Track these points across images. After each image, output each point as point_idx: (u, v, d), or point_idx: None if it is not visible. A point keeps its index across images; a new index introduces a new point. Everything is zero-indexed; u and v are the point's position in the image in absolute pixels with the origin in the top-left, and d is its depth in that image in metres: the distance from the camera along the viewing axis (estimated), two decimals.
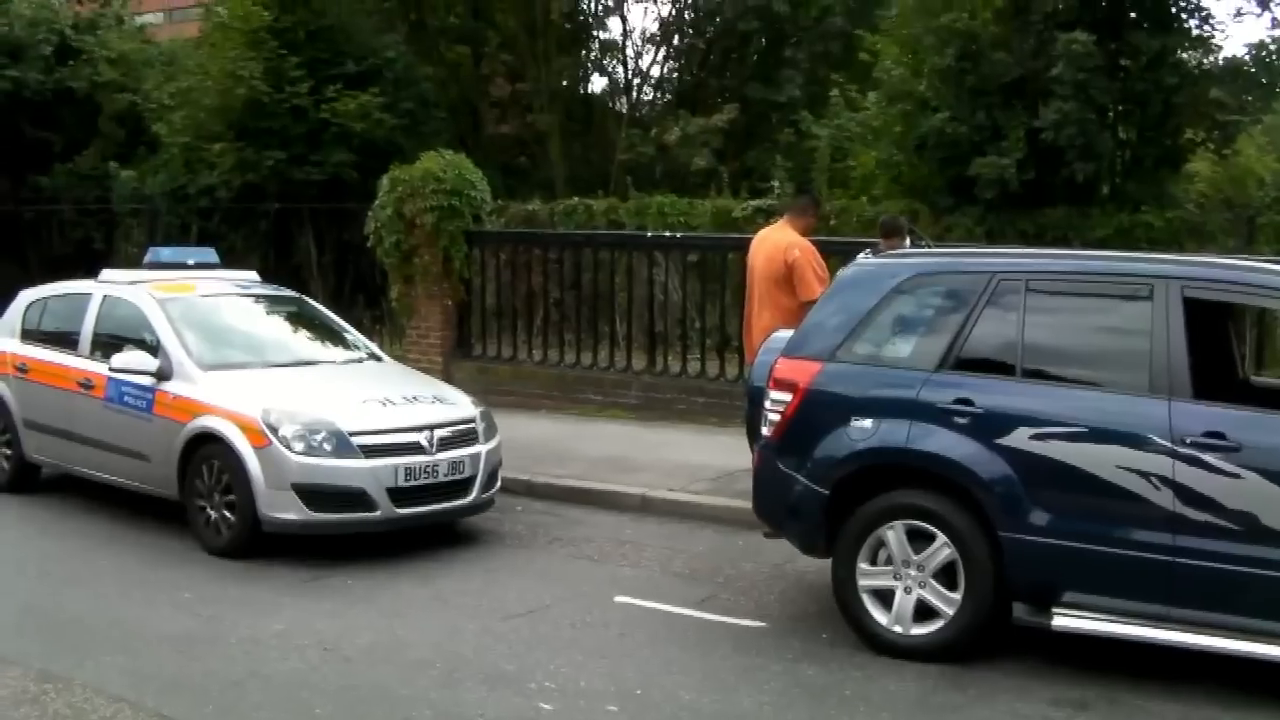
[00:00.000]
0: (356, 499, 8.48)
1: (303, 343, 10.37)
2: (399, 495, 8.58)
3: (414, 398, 9.32)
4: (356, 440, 8.55)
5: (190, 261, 11.07)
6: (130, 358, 9.29)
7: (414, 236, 14.84)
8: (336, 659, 6.53)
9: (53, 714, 5.74)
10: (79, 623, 7.14)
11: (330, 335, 10.62)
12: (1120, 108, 14.91)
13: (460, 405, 9.51)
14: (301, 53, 20.26)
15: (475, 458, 9.06)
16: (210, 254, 11.50)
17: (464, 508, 9.11)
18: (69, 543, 9.06)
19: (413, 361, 14.96)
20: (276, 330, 10.47)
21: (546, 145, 25.74)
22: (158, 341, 9.39)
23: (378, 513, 8.52)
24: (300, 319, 10.74)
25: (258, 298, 10.84)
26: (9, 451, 10.65)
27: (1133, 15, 14.58)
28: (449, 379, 14.73)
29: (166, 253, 11.36)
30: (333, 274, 19.51)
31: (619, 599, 7.67)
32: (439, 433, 8.91)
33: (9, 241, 23.20)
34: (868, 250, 8.04)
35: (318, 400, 8.93)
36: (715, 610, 7.47)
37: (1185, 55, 15.04)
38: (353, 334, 10.89)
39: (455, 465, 8.89)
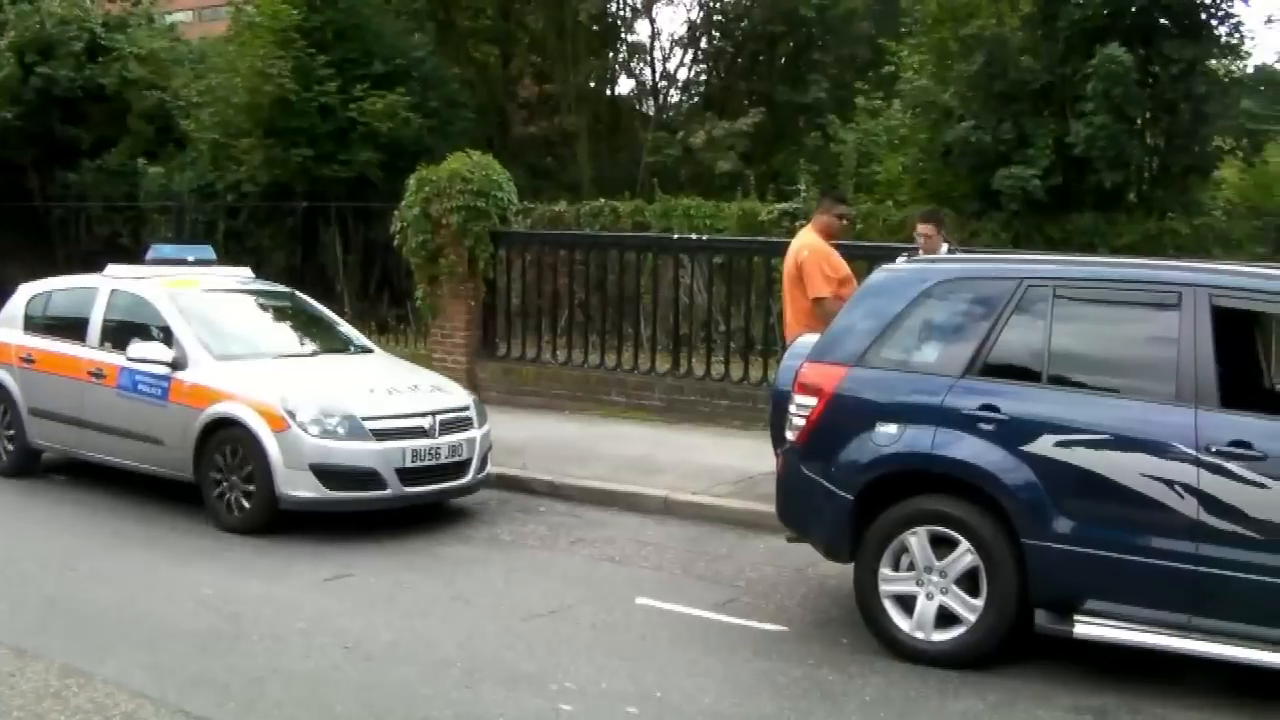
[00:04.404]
0: (369, 478, 9.13)
1: (301, 335, 11.00)
2: (407, 475, 9.24)
3: (415, 386, 9.99)
4: (368, 425, 9.20)
5: (190, 258, 11.59)
6: (146, 348, 9.78)
7: (440, 236, 14.88)
8: (358, 657, 6.55)
9: (74, 709, 5.76)
10: (102, 618, 7.17)
11: (324, 328, 11.30)
12: (1149, 115, 14.84)
13: (456, 394, 10.22)
14: (330, 52, 20.35)
15: (471, 441, 9.76)
16: (208, 251, 12.03)
17: (463, 487, 9.77)
18: (86, 535, 9.10)
19: (437, 361, 15.03)
20: (276, 323, 11.13)
21: (573, 147, 25.83)
22: (170, 333, 9.85)
23: (388, 491, 9.18)
24: (295, 313, 11.40)
25: (255, 292, 11.48)
26: (11, 434, 10.96)
27: (1163, 23, 14.50)
28: (473, 378, 14.84)
29: (168, 249, 11.96)
30: (359, 272, 19.57)
31: (640, 601, 7.67)
32: (440, 418, 9.58)
33: (37, 237, 23.35)
34: (906, 253, 8.01)
35: (330, 388, 9.60)
36: (736, 614, 7.45)
37: (1215, 63, 14.97)
38: (345, 327, 11.59)
39: (454, 448, 9.57)
